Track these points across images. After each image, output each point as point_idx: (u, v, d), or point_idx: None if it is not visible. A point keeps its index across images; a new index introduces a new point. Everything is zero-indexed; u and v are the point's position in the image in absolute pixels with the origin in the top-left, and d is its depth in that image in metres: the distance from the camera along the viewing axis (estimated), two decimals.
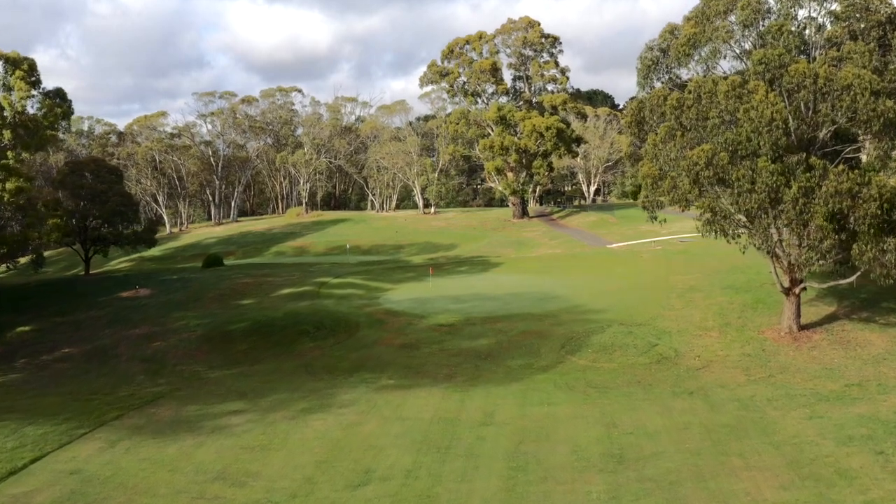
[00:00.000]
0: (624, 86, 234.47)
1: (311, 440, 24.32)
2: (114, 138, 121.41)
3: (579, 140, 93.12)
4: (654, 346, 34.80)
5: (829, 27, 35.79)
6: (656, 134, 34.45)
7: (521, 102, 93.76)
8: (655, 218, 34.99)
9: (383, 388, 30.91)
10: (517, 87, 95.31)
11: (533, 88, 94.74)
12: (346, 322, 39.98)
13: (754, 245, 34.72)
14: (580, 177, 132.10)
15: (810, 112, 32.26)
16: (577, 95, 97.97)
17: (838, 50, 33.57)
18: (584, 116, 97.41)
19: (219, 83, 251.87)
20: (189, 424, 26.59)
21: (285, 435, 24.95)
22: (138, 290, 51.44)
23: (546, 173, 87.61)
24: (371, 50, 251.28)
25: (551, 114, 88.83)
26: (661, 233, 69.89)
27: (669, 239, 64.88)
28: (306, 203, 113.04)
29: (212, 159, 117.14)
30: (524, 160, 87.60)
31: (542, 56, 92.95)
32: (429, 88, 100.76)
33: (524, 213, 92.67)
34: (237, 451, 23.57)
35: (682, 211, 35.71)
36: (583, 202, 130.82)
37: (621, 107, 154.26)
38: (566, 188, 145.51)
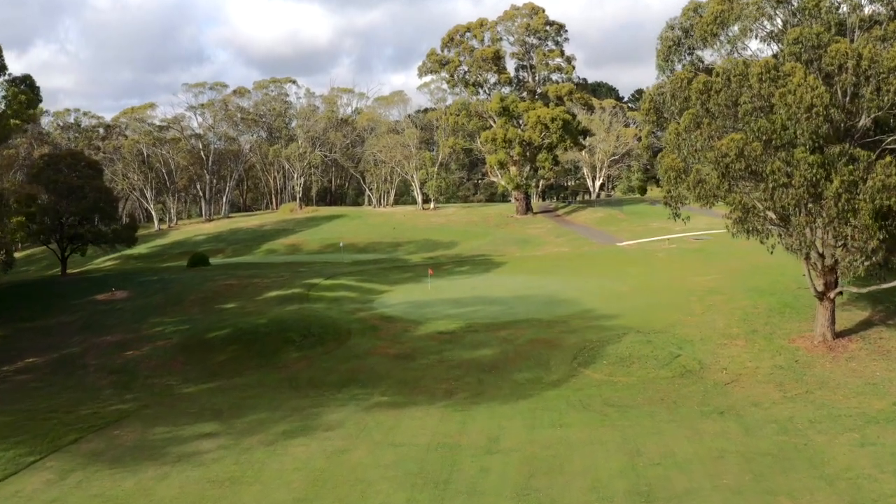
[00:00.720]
0: (626, 80, 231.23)
1: (290, 471, 21.46)
2: (101, 131, 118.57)
3: (586, 132, 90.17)
4: (675, 358, 31.94)
5: (868, 6, 32.83)
6: (678, 122, 31.52)
7: (524, 93, 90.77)
8: (678, 215, 32.00)
9: (375, 406, 28.05)
10: (520, 77, 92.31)
11: (537, 78, 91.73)
12: (336, 329, 37.14)
13: (785, 246, 31.78)
14: (585, 171, 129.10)
15: (848, 97, 29.36)
16: (583, 86, 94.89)
17: (881, 28, 30.59)
18: (590, 107, 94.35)
19: (218, 78, 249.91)
20: (153, 451, 23.73)
21: (261, 465, 22.09)
22: (114, 292, 48.60)
23: (551, 167, 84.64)
24: (371, 44, 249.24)
25: (556, 104, 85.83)
26: (674, 230, 67.07)
27: (684, 236, 62.02)
28: (300, 198, 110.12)
29: (202, 153, 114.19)
30: (528, 153, 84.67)
31: (547, 44, 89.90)
32: (428, 79, 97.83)
33: (528, 208, 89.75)
34: (204, 484, 20.73)
35: (709, 208, 32.72)
36: (586, 197, 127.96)
37: (626, 99, 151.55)
38: (569, 183, 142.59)
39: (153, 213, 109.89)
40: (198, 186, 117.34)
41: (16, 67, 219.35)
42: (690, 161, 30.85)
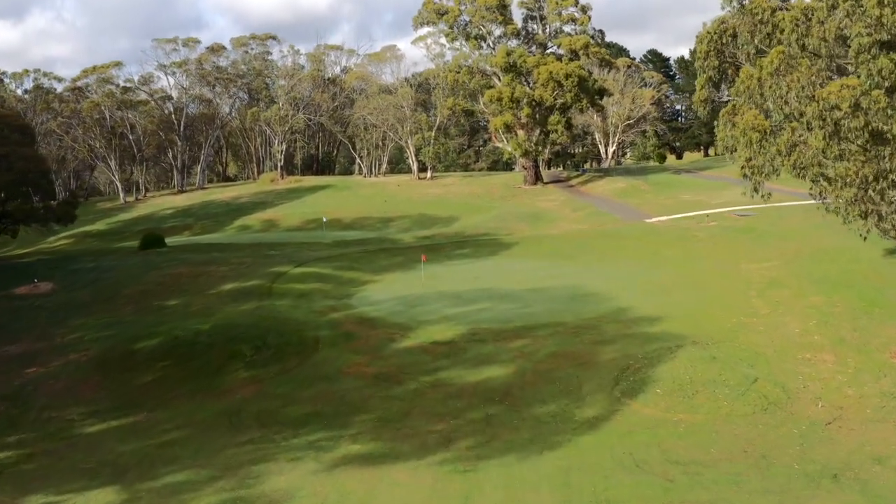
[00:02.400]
0: (631, 46, 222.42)
1: None
2: (66, 94, 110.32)
3: (603, 92, 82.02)
4: (752, 383, 24.49)
5: None
6: (759, 66, 23.78)
7: (533, 46, 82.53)
8: (758, 191, 24.39)
9: (342, 461, 20.65)
10: (529, 29, 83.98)
11: (548, 30, 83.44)
12: (300, 338, 29.69)
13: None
14: (597, 137, 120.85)
15: None
16: (600, 41, 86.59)
17: None
18: (608, 64, 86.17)
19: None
20: None
21: None
22: (37, 284, 41.07)
23: (564, 130, 76.66)
24: (371, 10, 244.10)
25: (570, 59, 77.73)
26: (710, 203, 59.42)
27: (724, 212, 54.39)
28: (282, 167, 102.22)
29: (173, 116, 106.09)
30: (538, 115, 76.63)
31: None
32: (424, 31, 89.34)
33: (537, 178, 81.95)
34: None
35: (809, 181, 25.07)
36: (595, 165, 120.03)
37: (638, 60, 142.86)
38: (576, 150, 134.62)
39: (118, 184, 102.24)
40: (170, 155, 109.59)
41: (11, 36, 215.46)
42: (778, 118, 23.16)
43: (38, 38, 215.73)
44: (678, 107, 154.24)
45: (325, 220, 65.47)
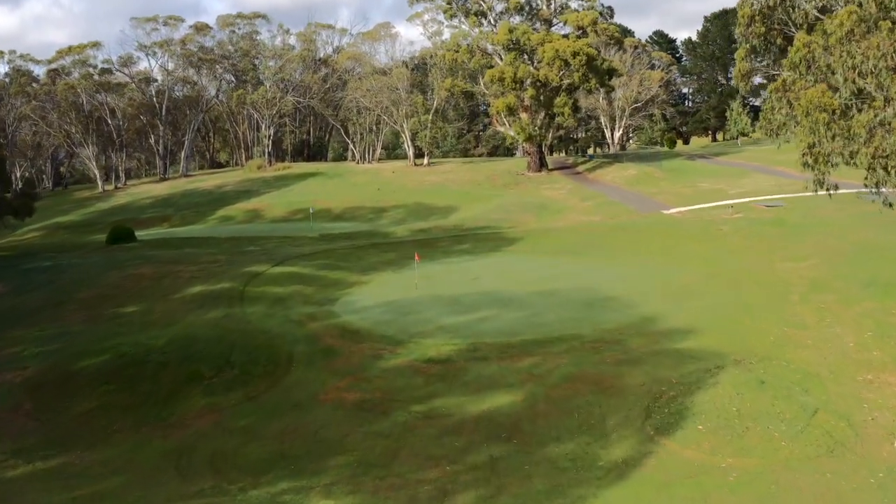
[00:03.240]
0: (633, 30, 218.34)
1: None
2: (42, 76, 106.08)
3: (612, 72, 77.79)
4: (811, 416, 20.59)
5: None
6: (821, 32, 19.73)
7: (537, 23, 78.33)
8: (822, 184, 20.38)
9: None
10: (533, 4, 79.73)
11: (553, 5, 79.23)
12: (271, 355, 25.80)
13: None
14: (603, 121, 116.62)
15: None
16: (609, 18, 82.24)
17: None
18: (618, 42, 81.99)
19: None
20: None
21: None
22: None
23: (571, 113, 72.50)
24: None
25: (578, 37, 73.52)
26: (731, 192, 55.48)
27: (750, 202, 50.46)
28: (270, 153, 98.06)
29: (155, 100, 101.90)
30: (543, 96, 72.52)
31: None
32: (420, 7, 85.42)
33: (542, 164, 77.89)
34: None
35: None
36: (600, 151, 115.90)
37: (643, 41, 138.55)
38: (579, 135, 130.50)
39: (96, 172, 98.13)
40: (151, 140, 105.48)
41: (9, 22, 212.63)
42: (846, 94, 19.13)
43: (35, 24, 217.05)
44: (685, 90, 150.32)
45: (312, 210, 61.53)
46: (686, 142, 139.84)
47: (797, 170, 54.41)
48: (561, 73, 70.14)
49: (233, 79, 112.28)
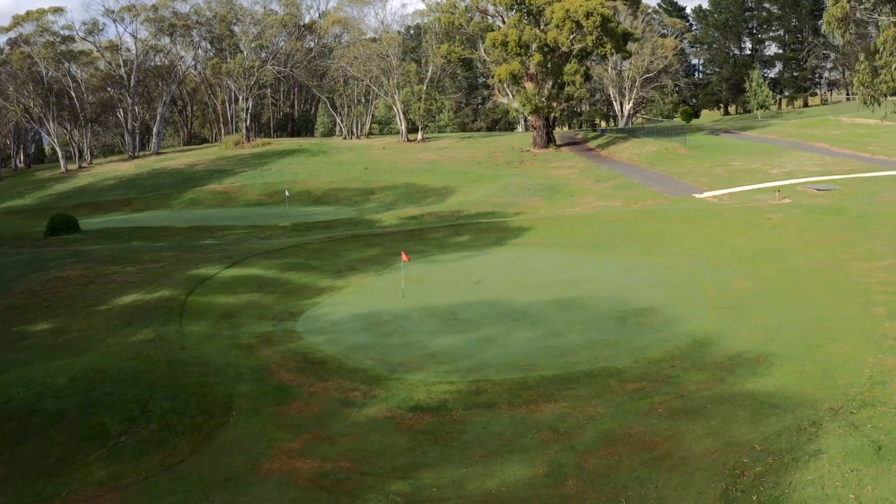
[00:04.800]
0: None
1: None
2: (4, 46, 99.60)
3: (629, 36, 71.33)
4: None
5: None
6: None
7: None
8: None
9: None
10: None
11: None
12: (203, 398, 19.78)
13: None
14: (611, 92, 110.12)
15: None
16: None
17: None
18: (636, 2, 75.51)
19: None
20: None
21: None
22: None
23: (583, 81, 66.15)
24: None
25: None
26: (771, 173, 49.31)
27: (796, 184, 44.34)
28: (248, 128, 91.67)
29: (122, 70, 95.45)
30: (551, 63, 66.14)
31: None
32: None
33: (549, 140, 71.67)
34: None
35: None
36: (606, 125, 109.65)
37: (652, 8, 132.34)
38: (583, 108, 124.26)
39: (58, 150, 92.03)
40: (119, 115, 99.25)
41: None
42: None
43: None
44: (695, 61, 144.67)
45: (288, 193, 55.40)
46: (696, 115, 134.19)
47: (841, 146, 47.77)
48: (572, 36, 63.73)
49: (209, 46, 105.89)
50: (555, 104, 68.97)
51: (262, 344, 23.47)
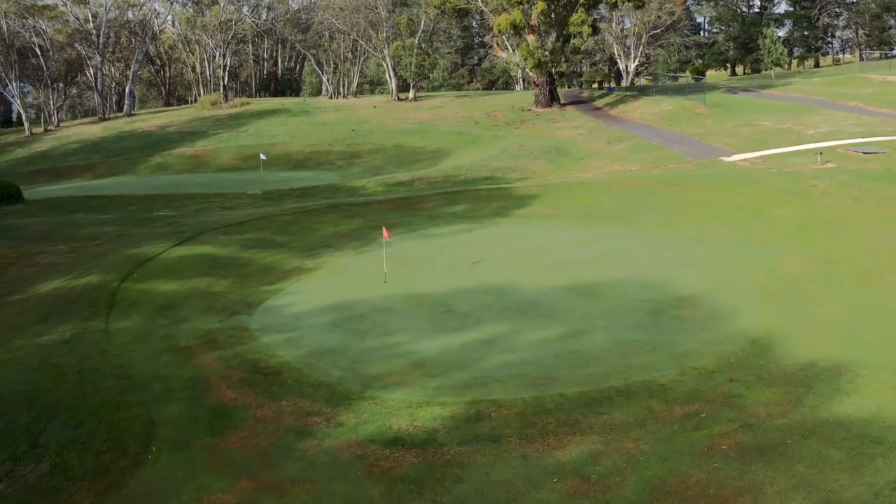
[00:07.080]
0: None
1: None
2: None
3: None
4: None
5: None
6: None
7: None
8: None
9: None
10: None
11: None
12: (116, 426, 15.29)
13: None
14: (616, 49, 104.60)
15: None
16: None
17: None
18: None
19: None
20: None
21: None
22: None
23: (591, 33, 61.07)
24: None
25: None
26: (805, 134, 44.57)
27: (836, 146, 39.68)
28: (226, 87, 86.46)
29: (90, 25, 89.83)
30: (555, 13, 61.03)
31: None
32: None
33: (552, 98, 66.72)
34: None
35: None
36: (610, 86, 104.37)
37: None
38: (583, 68, 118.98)
39: (22, 112, 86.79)
40: (89, 74, 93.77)
41: None
42: None
43: None
44: (699, 19, 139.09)
45: (264, 157, 50.57)
46: (702, 76, 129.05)
47: (878, 104, 42.06)
48: None
49: (189, 2, 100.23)
50: (559, 58, 63.84)
51: (203, 347, 18.89)
